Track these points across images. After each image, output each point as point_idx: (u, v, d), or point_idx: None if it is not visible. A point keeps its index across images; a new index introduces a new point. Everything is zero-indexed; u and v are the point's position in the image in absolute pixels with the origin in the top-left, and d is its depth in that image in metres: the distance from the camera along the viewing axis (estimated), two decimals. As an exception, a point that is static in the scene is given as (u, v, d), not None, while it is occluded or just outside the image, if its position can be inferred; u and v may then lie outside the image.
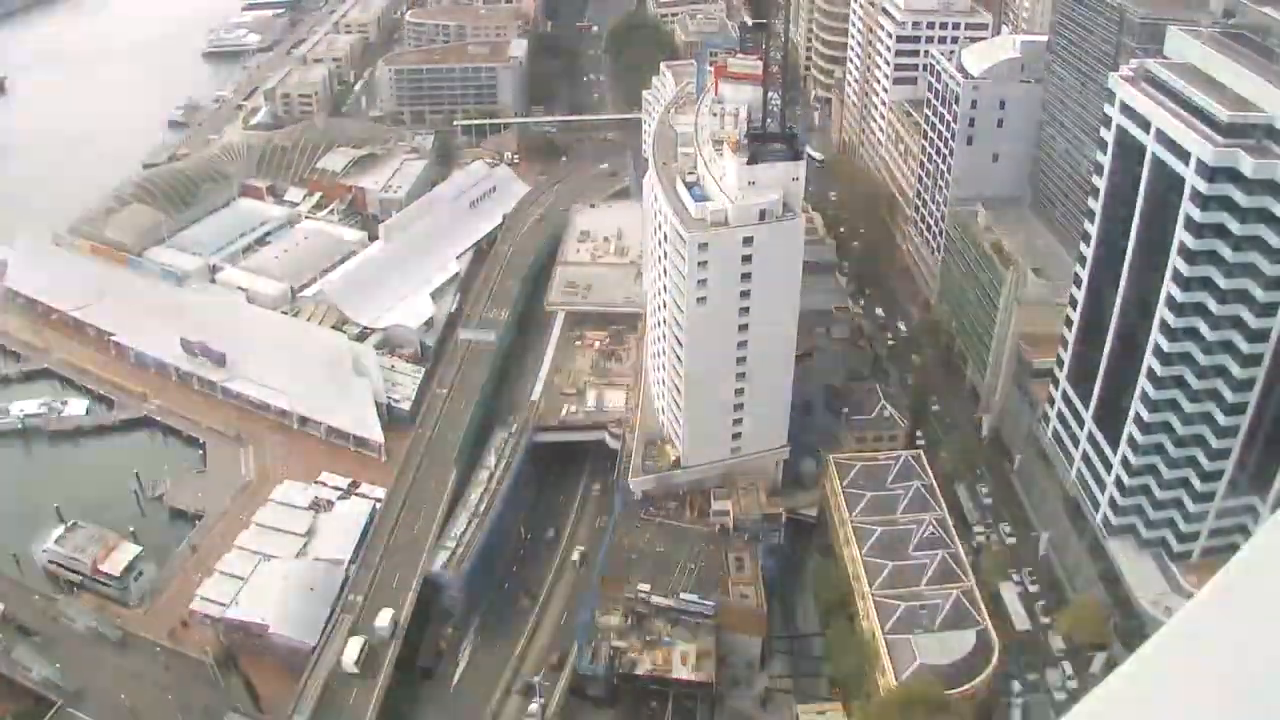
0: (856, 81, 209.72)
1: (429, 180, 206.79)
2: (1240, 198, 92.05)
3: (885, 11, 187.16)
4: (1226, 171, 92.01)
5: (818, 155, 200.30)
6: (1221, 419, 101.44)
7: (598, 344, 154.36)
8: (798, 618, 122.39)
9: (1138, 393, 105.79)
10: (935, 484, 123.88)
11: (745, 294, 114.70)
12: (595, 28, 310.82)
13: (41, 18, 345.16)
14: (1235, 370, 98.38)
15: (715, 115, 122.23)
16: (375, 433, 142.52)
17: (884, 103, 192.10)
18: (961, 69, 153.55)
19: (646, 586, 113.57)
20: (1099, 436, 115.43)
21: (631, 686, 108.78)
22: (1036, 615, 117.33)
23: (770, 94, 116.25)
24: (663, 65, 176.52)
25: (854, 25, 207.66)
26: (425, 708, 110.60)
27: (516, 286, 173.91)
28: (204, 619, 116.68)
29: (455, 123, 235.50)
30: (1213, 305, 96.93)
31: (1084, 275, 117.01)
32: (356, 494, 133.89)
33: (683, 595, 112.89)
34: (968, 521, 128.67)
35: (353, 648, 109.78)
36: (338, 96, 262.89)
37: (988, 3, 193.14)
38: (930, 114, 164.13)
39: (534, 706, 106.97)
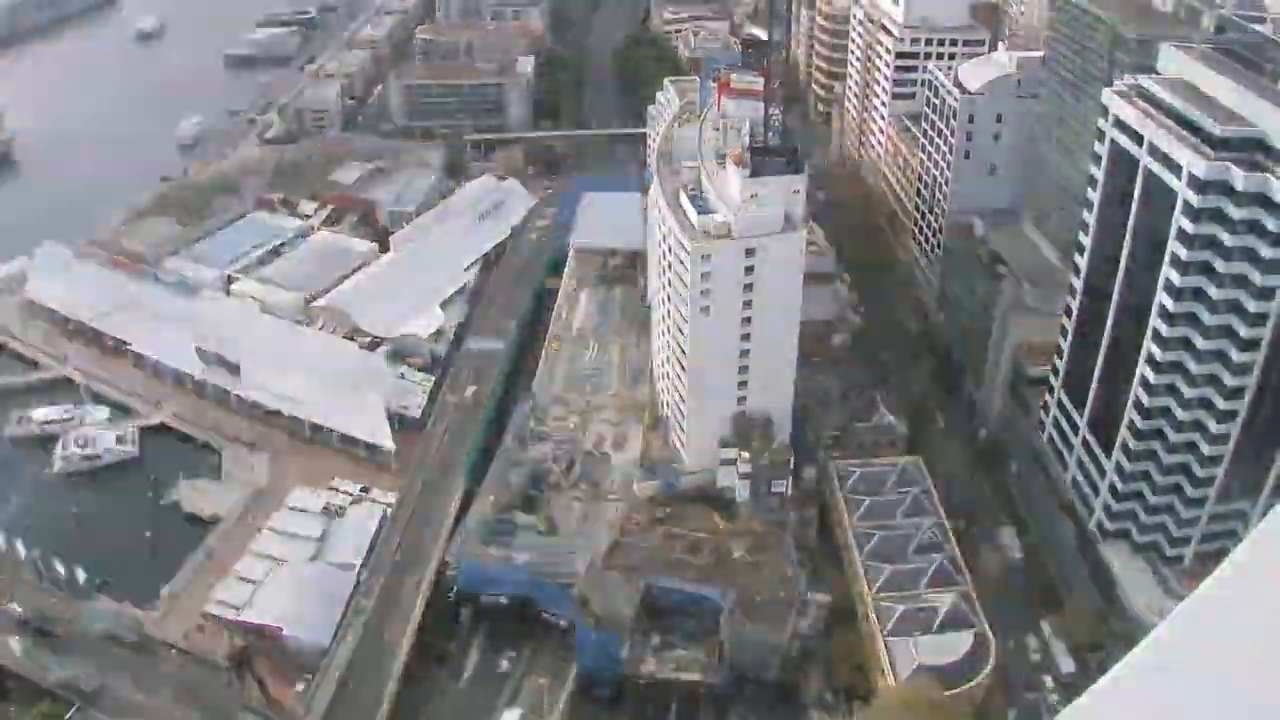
0: (856, 96, 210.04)
1: (438, 193, 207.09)
2: (1231, 210, 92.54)
3: (884, 28, 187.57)
4: (1218, 184, 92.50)
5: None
6: (1213, 426, 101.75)
7: None
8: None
9: (1131, 400, 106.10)
10: (933, 489, 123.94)
11: (748, 304, 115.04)
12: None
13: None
14: (1227, 378, 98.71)
15: (718, 130, 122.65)
16: (386, 440, 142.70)
17: (883, 117, 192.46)
18: (959, 84, 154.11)
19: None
20: (1093, 443, 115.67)
21: (637, 688, 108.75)
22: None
23: (771, 109, 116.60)
24: (666, 81, 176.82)
25: (854, 41, 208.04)
26: (434, 709, 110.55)
27: (524, 297, 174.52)
28: (219, 622, 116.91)
29: (464, 137, 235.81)
30: (1205, 315, 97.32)
31: (1079, 285, 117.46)
32: (368, 500, 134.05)
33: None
34: (965, 526, 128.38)
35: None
36: (349, 112, 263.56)
37: (985, 19, 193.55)
38: (928, 128, 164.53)
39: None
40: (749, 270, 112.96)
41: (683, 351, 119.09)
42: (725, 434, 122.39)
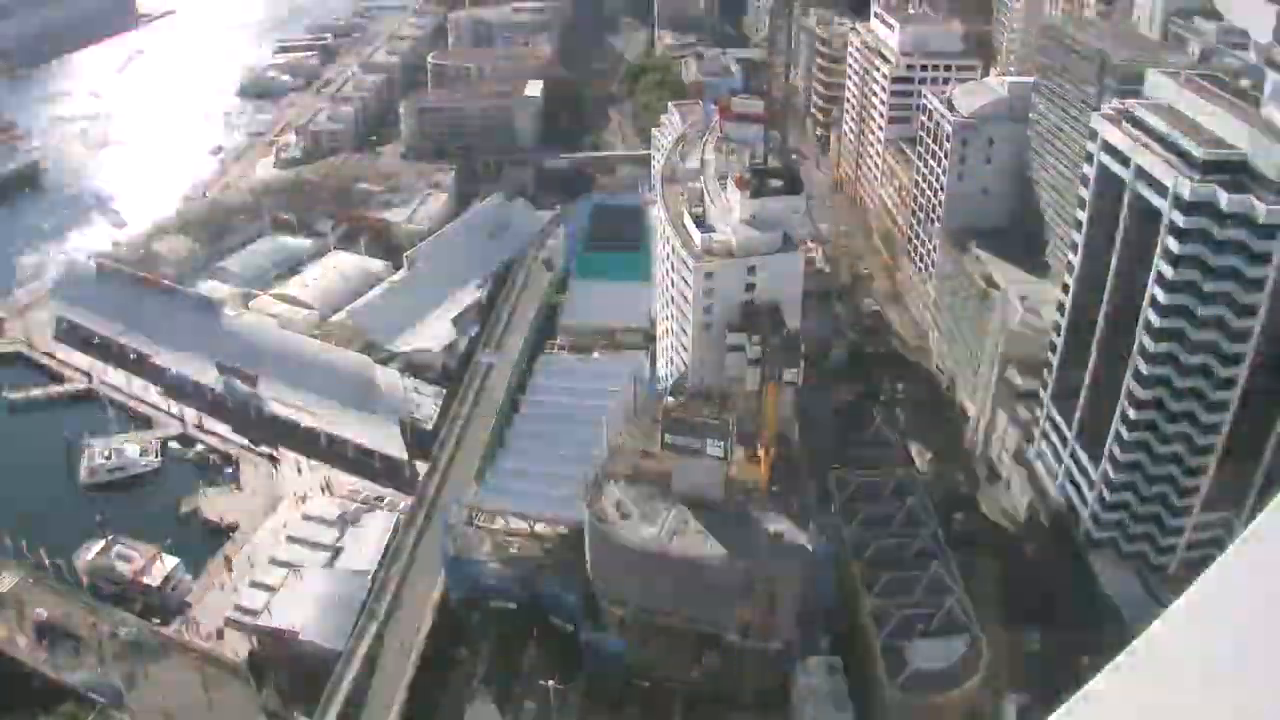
0: (853, 120, 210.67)
1: (450, 213, 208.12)
2: (1216, 230, 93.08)
3: (881, 54, 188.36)
4: (1203, 206, 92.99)
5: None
6: (1197, 438, 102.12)
7: None
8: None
9: (1118, 413, 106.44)
10: (928, 499, 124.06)
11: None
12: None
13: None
14: (1210, 393, 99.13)
15: (720, 152, 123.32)
16: (399, 450, 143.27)
17: (879, 140, 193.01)
18: (953, 109, 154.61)
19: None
20: (1081, 455, 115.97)
21: (642, 688, 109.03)
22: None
23: (772, 132, 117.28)
24: (670, 104, 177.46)
25: (851, 67, 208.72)
26: (447, 710, 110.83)
27: (532, 312, 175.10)
28: (238, 626, 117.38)
29: (475, 159, 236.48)
30: (1190, 331, 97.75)
31: (1067, 303, 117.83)
32: (381, 508, 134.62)
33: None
34: (959, 533, 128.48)
35: None
36: (365, 133, 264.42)
37: (978, 47, 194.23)
38: (923, 151, 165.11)
39: None
40: (750, 288, 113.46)
41: (686, 366, 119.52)
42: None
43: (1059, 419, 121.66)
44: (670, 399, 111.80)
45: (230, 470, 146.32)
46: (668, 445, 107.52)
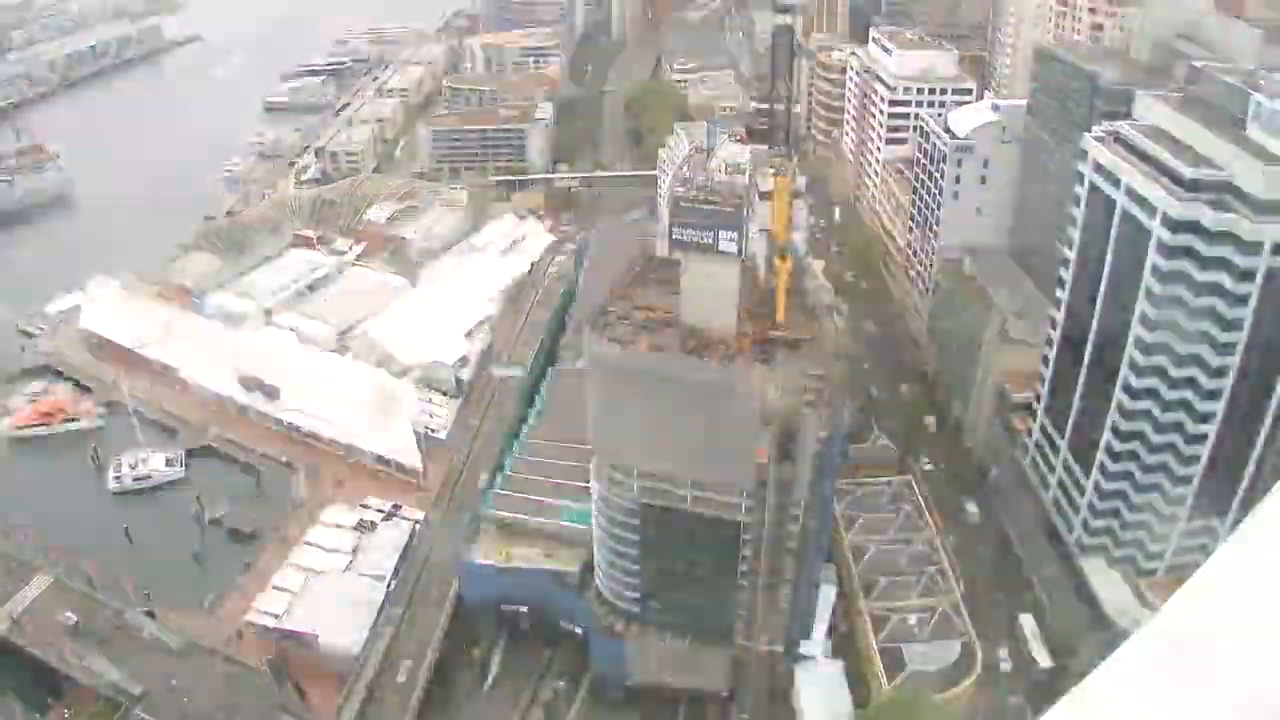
0: (853, 142, 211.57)
1: (464, 230, 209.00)
2: (1202, 247, 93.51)
3: (879, 78, 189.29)
4: (1189, 224, 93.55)
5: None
6: (1184, 448, 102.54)
7: None
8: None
9: (1108, 424, 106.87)
10: (924, 506, 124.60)
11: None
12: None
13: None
14: (1197, 404, 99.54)
15: (724, 172, 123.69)
16: (415, 460, 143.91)
17: (877, 161, 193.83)
18: (948, 130, 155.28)
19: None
20: (1073, 464, 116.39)
21: (647, 689, 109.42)
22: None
23: (774, 151, 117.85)
24: (676, 126, 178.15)
25: (850, 91, 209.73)
26: (459, 710, 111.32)
27: (542, 327, 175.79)
28: (259, 629, 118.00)
29: (488, 179, 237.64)
30: (1177, 345, 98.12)
31: (1060, 317, 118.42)
32: (397, 516, 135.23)
33: None
34: (954, 540, 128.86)
35: None
36: (381, 154, 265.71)
37: (972, 70, 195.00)
38: (920, 171, 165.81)
39: None
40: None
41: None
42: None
43: (1051, 429, 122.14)
44: (679, 189, 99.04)
45: (253, 479, 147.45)
46: (676, 242, 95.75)
